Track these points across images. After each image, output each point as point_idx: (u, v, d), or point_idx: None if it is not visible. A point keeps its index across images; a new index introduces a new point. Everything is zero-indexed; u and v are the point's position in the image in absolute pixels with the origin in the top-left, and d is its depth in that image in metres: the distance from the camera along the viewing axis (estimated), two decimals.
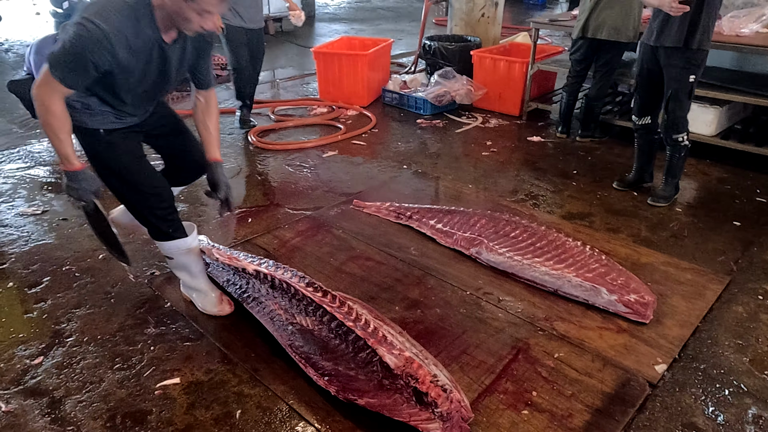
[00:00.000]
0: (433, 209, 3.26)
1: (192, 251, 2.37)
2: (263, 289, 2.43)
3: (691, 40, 3.03)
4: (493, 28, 5.95)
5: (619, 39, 4.04)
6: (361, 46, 5.68)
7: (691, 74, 3.12)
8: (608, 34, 4.04)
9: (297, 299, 2.32)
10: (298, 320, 2.27)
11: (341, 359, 2.08)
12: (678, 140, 3.29)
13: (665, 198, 3.46)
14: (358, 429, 1.88)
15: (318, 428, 1.89)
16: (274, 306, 2.36)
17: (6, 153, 4.14)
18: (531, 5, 11.88)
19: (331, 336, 2.16)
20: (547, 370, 2.14)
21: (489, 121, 4.97)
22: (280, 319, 2.30)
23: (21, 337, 2.31)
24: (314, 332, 2.20)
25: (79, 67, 1.79)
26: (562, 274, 2.60)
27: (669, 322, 2.40)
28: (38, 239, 3.03)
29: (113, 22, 1.78)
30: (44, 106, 1.85)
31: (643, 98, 3.41)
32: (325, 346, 2.14)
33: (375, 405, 1.89)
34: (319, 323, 2.22)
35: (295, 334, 2.23)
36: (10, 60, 6.69)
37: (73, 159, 1.96)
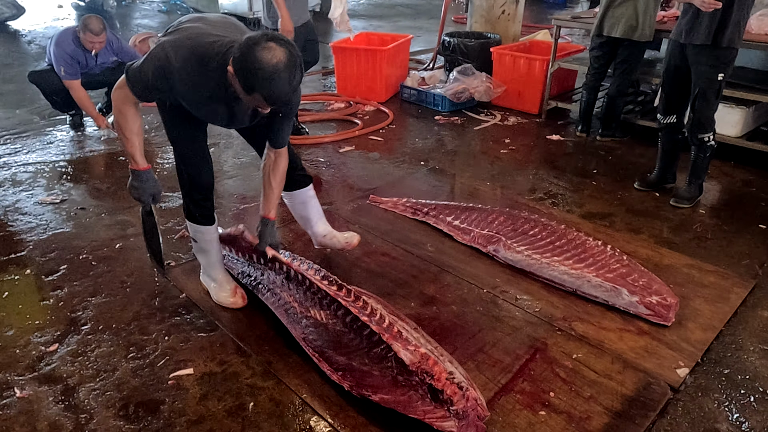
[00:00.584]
0: (451, 206, 3.22)
1: (213, 240, 2.41)
2: (278, 281, 2.42)
3: (720, 38, 2.96)
4: (513, 26, 5.88)
5: (633, 37, 3.96)
6: (380, 41, 5.65)
7: (719, 72, 3.04)
8: (623, 32, 3.98)
9: (312, 292, 2.29)
10: (312, 314, 2.25)
11: (355, 354, 2.05)
12: (704, 140, 3.21)
13: (688, 199, 3.38)
14: (372, 425, 1.85)
15: (331, 423, 1.86)
16: (288, 298, 2.34)
17: (27, 143, 4.18)
18: (552, 3, 11.75)
19: (345, 330, 2.14)
20: (565, 370, 2.09)
21: (508, 118, 4.91)
22: (294, 312, 2.28)
23: (37, 323, 2.32)
24: (328, 326, 2.18)
25: (145, 85, 1.90)
26: (581, 274, 2.55)
27: (692, 326, 2.34)
28: (56, 228, 3.05)
29: (182, 58, 1.84)
30: (117, 108, 1.99)
31: (669, 96, 3.34)
32: (339, 340, 2.12)
33: (389, 401, 1.86)
34: (333, 317, 2.20)
35: (309, 327, 2.20)
36: (32, 51, 6.76)
37: (138, 159, 2.07)
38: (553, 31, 4.74)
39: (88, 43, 4.04)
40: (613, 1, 3.98)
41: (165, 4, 9.58)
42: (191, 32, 1.90)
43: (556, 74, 4.80)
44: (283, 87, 1.71)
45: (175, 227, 3.03)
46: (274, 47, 1.68)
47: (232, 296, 2.42)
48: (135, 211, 3.22)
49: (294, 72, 1.72)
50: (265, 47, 1.67)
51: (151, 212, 2.26)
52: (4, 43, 6.97)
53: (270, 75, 1.67)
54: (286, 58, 1.69)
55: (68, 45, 4.05)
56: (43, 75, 4.21)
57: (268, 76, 1.67)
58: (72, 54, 4.06)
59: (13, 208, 3.26)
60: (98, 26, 4.01)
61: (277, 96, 1.74)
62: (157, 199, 2.18)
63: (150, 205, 2.22)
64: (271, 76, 1.68)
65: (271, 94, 1.72)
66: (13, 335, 2.25)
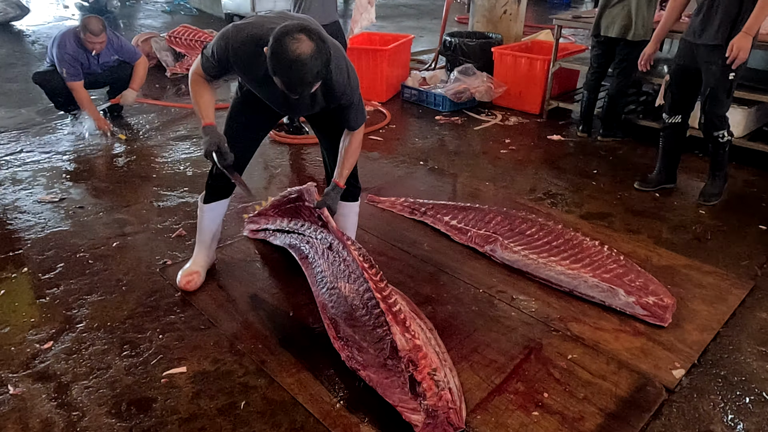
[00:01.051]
0: (448, 206, 3.21)
1: (204, 218, 2.55)
2: (320, 249, 2.54)
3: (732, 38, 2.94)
4: (515, 26, 5.87)
5: (627, 37, 3.95)
6: (381, 41, 5.65)
7: (731, 72, 3.03)
8: (618, 32, 3.98)
9: (346, 265, 2.37)
10: (339, 285, 2.34)
11: (360, 330, 2.14)
12: (718, 137, 3.21)
13: (717, 195, 3.38)
14: (363, 425, 1.85)
15: (322, 423, 1.86)
16: (324, 266, 2.46)
17: (28, 141, 4.20)
18: (555, 3, 11.72)
19: (360, 306, 2.21)
20: (559, 371, 2.08)
21: (508, 118, 4.90)
22: (324, 280, 2.41)
23: (32, 321, 2.32)
24: (348, 299, 2.27)
25: (210, 60, 2.09)
26: (578, 274, 2.54)
27: (689, 327, 2.32)
28: (54, 226, 3.06)
29: (240, 39, 2.00)
30: (191, 85, 2.21)
31: (675, 95, 3.32)
32: (352, 314, 2.20)
33: (373, 380, 1.94)
34: (355, 292, 2.27)
35: (332, 297, 2.32)
36: (36, 51, 6.80)
37: (204, 117, 2.20)
38: (554, 31, 4.72)
39: (88, 43, 4.05)
40: (610, 1, 3.98)
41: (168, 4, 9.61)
42: (257, 18, 2.05)
43: (557, 74, 4.78)
44: (299, 77, 1.77)
45: (172, 226, 3.04)
46: (303, 39, 1.74)
47: (184, 276, 2.52)
48: (133, 210, 3.23)
49: (314, 66, 1.77)
50: (295, 37, 1.74)
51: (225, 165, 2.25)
52: (8, 43, 7.00)
53: (289, 63, 1.74)
54: (311, 51, 1.74)
55: (70, 46, 4.05)
56: (47, 76, 4.23)
57: (288, 64, 1.75)
58: (74, 55, 4.07)
59: (13, 206, 3.27)
60: (98, 26, 4.02)
61: (292, 84, 1.80)
62: (222, 148, 2.18)
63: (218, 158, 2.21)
64: (290, 64, 1.74)
65: (287, 82, 1.79)
66: (9, 333, 2.26)
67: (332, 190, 2.39)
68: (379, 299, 2.11)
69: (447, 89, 5.00)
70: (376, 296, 2.12)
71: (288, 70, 1.76)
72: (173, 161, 3.89)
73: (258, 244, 2.92)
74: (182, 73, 5.98)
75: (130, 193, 3.45)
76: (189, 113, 4.91)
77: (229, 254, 2.82)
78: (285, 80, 1.79)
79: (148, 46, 6.21)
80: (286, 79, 1.79)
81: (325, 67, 1.81)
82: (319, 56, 1.77)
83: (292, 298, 2.48)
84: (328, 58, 1.81)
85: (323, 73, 1.83)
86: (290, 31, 1.75)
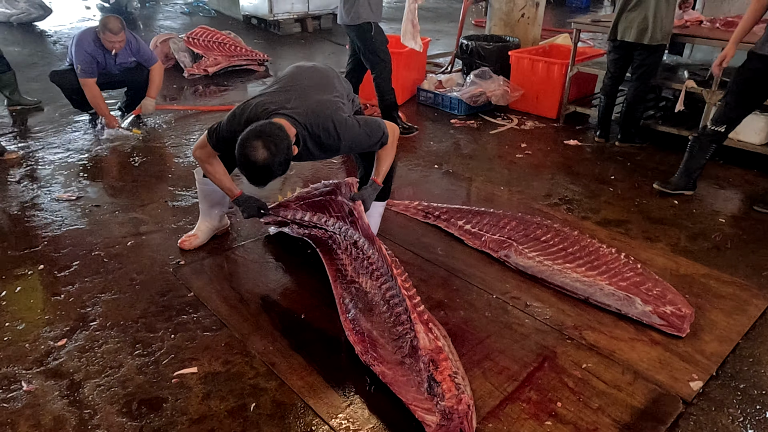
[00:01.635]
0: (462, 210, 3.18)
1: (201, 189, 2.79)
2: (343, 245, 2.63)
3: None
4: (532, 29, 5.82)
5: (644, 41, 3.88)
6: (398, 44, 5.63)
7: None
8: (635, 37, 3.91)
9: (369, 262, 2.43)
10: (360, 280, 2.42)
11: (379, 325, 2.19)
12: None
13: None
14: (373, 430, 1.83)
15: (332, 427, 1.84)
16: (345, 260, 2.54)
17: (48, 140, 4.25)
18: (574, 8, 11.63)
19: (380, 302, 2.27)
20: (573, 380, 2.05)
21: (525, 122, 4.86)
22: (343, 273, 2.48)
23: (47, 318, 2.34)
24: (368, 294, 2.33)
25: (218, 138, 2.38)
26: (594, 282, 2.50)
27: (707, 337, 2.27)
28: (71, 224, 3.09)
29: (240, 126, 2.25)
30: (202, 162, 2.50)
31: (739, 109, 3.25)
32: (371, 309, 2.26)
33: (388, 377, 1.94)
34: (377, 288, 2.33)
35: (351, 290, 2.38)
36: (57, 51, 6.89)
37: (233, 190, 2.54)
38: (572, 34, 4.67)
39: (108, 42, 4.09)
40: (627, 4, 3.92)
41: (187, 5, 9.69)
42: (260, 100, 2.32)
43: (575, 78, 4.73)
44: (258, 177, 2.11)
45: (186, 226, 3.05)
46: (258, 147, 2.03)
47: (185, 236, 2.83)
48: (148, 209, 3.26)
49: (269, 167, 2.07)
50: (252, 145, 2.04)
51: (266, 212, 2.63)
52: (30, 43, 7.11)
53: (248, 167, 2.08)
54: (264, 157, 2.03)
55: (88, 44, 4.10)
56: (64, 74, 4.28)
57: (247, 168, 2.09)
58: (91, 53, 4.11)
59: (31, 204, 3.31)
60: (117, 26, 4.06)
61: (255, 181, 2.15)
62: (265, 210, 2.60)
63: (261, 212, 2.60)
64: (249, 168, 2.08)
65: (251, 180, 2.14)
66: (24, 329, 2.28)
67: (370, 186, 2.53)
68: (405, 296, 2.15)
69: (463, 92, 4.97)
70: (403, 293, 2.17)
71: (249, 172, 2.10)
72: (189, 161, 3.91)
73: (271, 245, 2.92)
74: (199, 74, 6.03)
75: (146, 193, 3.47)
76: (205, 114, 4.94)
77: (242, 255, 2.82)
78: (249, 179, 2.14)
79: (166, 47, 6.27)
80: (249, 178, 2.13)
81: (282, 164, 2.09)
82: (273, 159, 2.05)
83: (304, 301, 2.48)
84: (285, 157, 2.08)
85: (282, 168, 2.12)
86: (248, 138, 2.05)
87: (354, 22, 4.12)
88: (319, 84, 2.43)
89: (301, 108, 2.27)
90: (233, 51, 6.39)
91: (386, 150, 2.50)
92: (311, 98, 2.33)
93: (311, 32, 8.55)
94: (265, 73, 6.41)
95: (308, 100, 2.31)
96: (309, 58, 7.25)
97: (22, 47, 6.87)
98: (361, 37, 4.20)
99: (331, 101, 2.37)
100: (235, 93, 5.68)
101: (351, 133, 2.33)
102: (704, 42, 4.13)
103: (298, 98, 2.31)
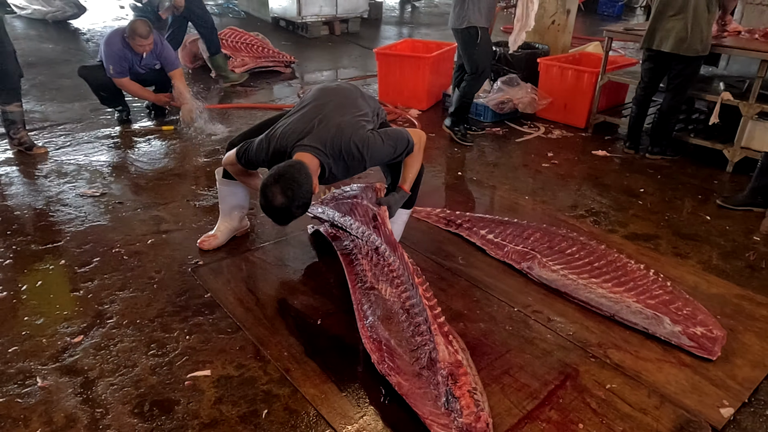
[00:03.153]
0: (485, 219, 3.12)
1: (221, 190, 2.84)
2: (365, 250, 2.60)
3: None
4: (563, 36, 5.72)
5: (681, 52, 3.76)
6: (425, 49, 5.59)
7: None
8: (673, 47, 3.78)
9: (390, 269, 2.41)
10: (379, 287, 2.39)
11: (397, 335, 2.15)
12: None
13: None
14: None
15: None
16: (366, 266, 2.51)
17: (76, 136, 4.31)
18: (606, 16, 11.44)
19: (400, 311, 2.24)
20: (596, 401, 1.96)
21: (552, 131, 4.76)
22: (363, 279, 2.46)
23: (65, 314, 2.35)
24: (387, 302, 2.30)
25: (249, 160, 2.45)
26: (620, 299, 2.41)
27: (739, 362, 2.17)
28: (93, 220, 3.11)
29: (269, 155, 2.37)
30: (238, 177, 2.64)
31: None
32: (390, 318, 2.22)
33: (404, 389, 1.89)
34: (397, 297, 2.30)
35: (370, 297, 2.35)
36: (89, 49, 7.01)
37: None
38: (604, 43, 4.57)
39: (138, 47, 4.15)
40: (663, 13, 3.80)
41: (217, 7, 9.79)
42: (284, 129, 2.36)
43: (605, 88, 4.62)
44: (279, 218, 2.20)
45: (207, 226, 3.04)
46: (276, 192, 2.11)
47: (204, 236, 2.85)
48: (170, 208, 3.26)
49: (289, 210, 2.14)
50: (271, 190, 2.11)
51: None
52: (64, 41, 7.25)
53: (269, 210, 2.16)
54: (282, 202, 2.11)
55: (116, 45, 4.16)
56: (92, 70, 4.34)
57: (269, 211, 2.17)
58: (120, 54, 4.18)
59: (56, 198, 3.34)
60: (146, 30, 4.12)
61: (277, 221, 2.24)
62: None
63: None
64: (270, 211, 2.17)
65: (273, 220, 2.23)
66: (42, 324, 2.28)
67: (397, 193, 2.53)
68: (426, 306, 2.11)
69: (489, 99, 4.90)
70: (423, 303, 2.12)
71: (270, 214, 2.18)
72: (212, 161, 3.92)
73: (290, 248, 2.89)
74: None
75: (168, 191, 3.48)
76: (233, 114, 4.96)
77: (260, 257, 2.80)
78: (272, 219, 2.21)
79: (195, 47, 6.33)
80: (271, 218, 2.20)
81: (301, 207, 2.16)
82: (291, 204, 2.12)
83: (321, 306, 2.44)
84: (303, 201, 2.15)
85: (302, 210, 2.18)
86: (268, 186, 2.13)
87: (461, 25, 4.06)
88: (341, 105, 2.43)
89: (323, 135, 2.29)
90: (261, 52, 6.42)
91: (412, 157, 2.50)
92: (333, 122, 2.33)
93: (338, 35, 8.56)
94: (291, 75, 6.42)
95: (329, 125, 2.32)
96: (336, 61, 7.25)
97: (55, 44, 7.00)
98: (466, 42, 4.14)
99: (352, 122, 2.36)
100: (261, 94, 5.70)
101: (375, 150, 2.35)
102: (742, 53, 3.99)
103: (320, 123, 2.33)
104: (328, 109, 2.40)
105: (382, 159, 2.45)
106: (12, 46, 3.73)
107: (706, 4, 3.68)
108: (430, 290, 2.27)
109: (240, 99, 5.48)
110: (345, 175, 2.44)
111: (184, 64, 6.00)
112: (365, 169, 2.47)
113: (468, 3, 4.01)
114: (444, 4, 11.52)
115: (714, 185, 3.80)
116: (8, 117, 3.86)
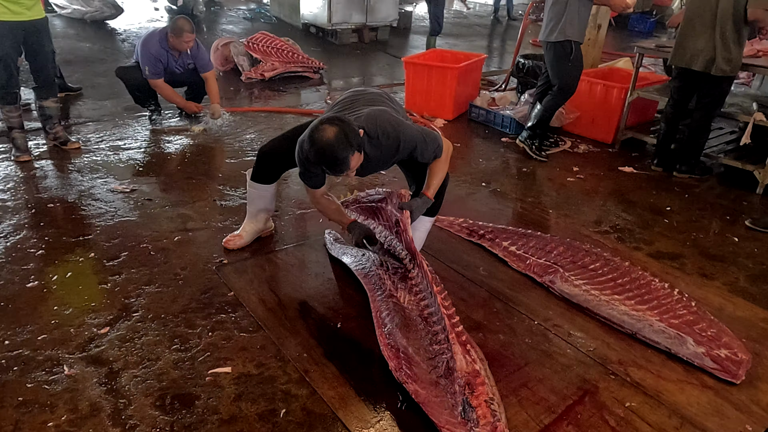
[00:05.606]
0: (508, 230, 3.11)
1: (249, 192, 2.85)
2: (381, 258, 2.61)
3: None
4: (592, 51, 5.69)
5: (709, 71, 3.71)
6: (453, 59, 5.61)
7: None
8: (702, 66, 3.73)
9: (409, 277, 2.43)
10: (398, 294, 2.40)
11: (415, 343, 2.15)
12: None
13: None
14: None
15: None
16: (383, 275, 2.52)
17: (110, 133, 4.42)
18: (637, 32, 11.34)
19: (418, 320, 2.25)
20: (615, 419, 1.95)
21: (578, 146, 4.73)
22: (381, 286, 2.45)
23: (93, 305, 2.41)
24: (406, 310, 2.31)
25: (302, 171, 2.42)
26: (643, 317, 2.38)
27: (764, 387, 2.12)
28: (123, 215, 3.18)
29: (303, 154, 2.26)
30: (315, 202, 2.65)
31: None
32: (408, 325, 2.23)
33: (420, 396, 1.89)
34: (415, 305, 2.32)
35: (388, 304, 2.34)
36: (124, 49, 7.19)
37: (344, 219, 2.65)
38: (634, 59, 4.54)
39: (184, 44, 4.26)
40: (690, 30, 3.75)
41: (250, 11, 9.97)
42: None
43: (634, 104, 4.58)
44: (331, 158, 2.11)
45: (232, 225, 3.09)
46: (326, 128, 2.10)
47: (229, 236, 2.90)
48: (197, 207, 3.32)
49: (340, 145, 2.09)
50: (319, 128, 2.11)
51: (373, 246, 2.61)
52: (100, 40, 7.45)
53: (318, 150, 2.12)
54: (333, 134, 2.08)
55: (153, 45, 4.27)
56: (128, 71, 4.46)
57: (317, 151, 2.12)
58: (156, 54, 4.27)
59: (88, 193, 3.43)
60: (190, 25, 4.25)
61: (329, 167, 2.17)
62: (371, 238, 2.59)
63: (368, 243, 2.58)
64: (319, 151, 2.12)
65: (325, 165, 2.17)
66: (70, 314, 2.35)
67: (419, 198, 2.51)
68: (444, 315, 2.11)
69: (516, 111, 4.89)
70: (442, 312, 2.13)
71: (321, 156, 2.12)
72: (240, 162, 3.98)
73: (313, 251, 2.93)
74: (256, 77, 6.16)
75: (196, 190, 3.55)
76: (261, 117, 5.04)
77: (283, 258, 2.84)
78: (323, 165, 2.16)
79: (227, 50, 6.45)
80: (323, 163, 2.15)
81: (352, 143, 2.11)
82: (342, 136, 2.08)
83: (341, 310, 2.46)
84: (354, 135, 2.12)
85: (353, 147, 2.12)
86: (316, 127, 2.12)
87: (556, 38, 4.00)
88: (372, 100, 2.49)
89: (358, 114, 2.33)
90: (290, 57, 6.52)
91: (438, 163, 2.50)
92: (366, 109, 2.38)
93: (367, 43, 8.64)
94: (320, 80, 6.49)
95: (363, 111, 2.36)
96: (364, 68, 7.31)
97: (92, 43, 7.20)
98: (559, 56, 4.07)
99: (385, 109, 2.41)
100: (289, 98, 5.77)
101: (408, 133, 2.35)
102: None
103: (354, 112, 2.37)
104: (359, 103, 2.44)
105: (414, 144, 2.38)
106: (52, 46, 3.85)
107: (733, 24, 3.63)
108: (448, 299, 2.27)
109: (269, 103, 5.57)
110: (376, 158, 2.37)
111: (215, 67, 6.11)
112: (396, 154, 2.39)
113: (566, 17, 3.94)
114: (473, 15, 11.55)
115: (743, 206, 3.74)
116: (45, 112, 3.98)
